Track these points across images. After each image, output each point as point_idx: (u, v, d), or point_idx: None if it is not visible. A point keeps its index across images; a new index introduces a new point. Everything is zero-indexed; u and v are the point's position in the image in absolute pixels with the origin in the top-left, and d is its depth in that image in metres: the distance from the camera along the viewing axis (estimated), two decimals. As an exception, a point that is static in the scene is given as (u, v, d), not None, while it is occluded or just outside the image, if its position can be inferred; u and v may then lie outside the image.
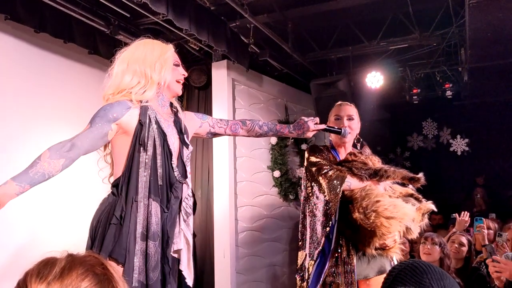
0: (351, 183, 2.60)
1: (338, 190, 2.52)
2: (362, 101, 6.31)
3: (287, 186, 5.94)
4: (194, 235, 2.30)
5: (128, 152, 2.08)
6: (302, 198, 2.84)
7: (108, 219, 2.03)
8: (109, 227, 2.00)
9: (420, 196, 2.73)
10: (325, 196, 2.59)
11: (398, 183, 2.76)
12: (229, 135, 2.54)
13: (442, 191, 7.70)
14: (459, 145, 8.04)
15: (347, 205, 2.57)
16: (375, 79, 5.70)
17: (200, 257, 5.50)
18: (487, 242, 3.95)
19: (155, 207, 2.07)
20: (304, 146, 6.29)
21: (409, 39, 5.39)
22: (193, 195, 5.58)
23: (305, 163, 2.87)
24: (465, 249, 3.86)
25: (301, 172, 6.17)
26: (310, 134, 2.53)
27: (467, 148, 7.97)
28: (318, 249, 2.58)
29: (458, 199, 7.41)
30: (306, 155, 2.88)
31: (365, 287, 2.62)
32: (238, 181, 5.26)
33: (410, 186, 2.73)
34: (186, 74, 2.32)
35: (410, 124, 8.50)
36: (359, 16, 5.16)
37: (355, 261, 2.59)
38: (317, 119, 2.57)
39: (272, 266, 5.73)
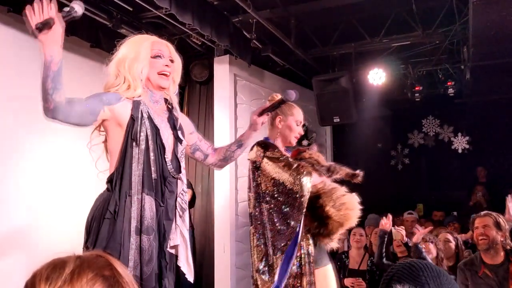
0: (314, 178, 2.73)
1: (309, 185, 2.65)
2: (364, 98, 6.32)
3: (288, 182, 5.94)
4: (192, 228, 2.31)
5: (121, 147, 2.09)
6: (253, 193, 2.82)
7: (102, 214, 2.04)
8: (103, 222, 2.02)
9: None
10: (296, 191, 2.65)
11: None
12: (206, 155, 2.50)
13: (443, 188, 7.72)
14: (460, 142, 8.03)
15: (313, 199, 2.68)
16: (377, 76, 5.70)
17: (200, 251, 5.52)
18: None
19: (149, 201, 2.07)
20: (305, 142, 6.30)
21: (411, 36, 5.39)
22: (193, 190, 5.58)
23: (258, 158, 2.82)
24: (452, 245, 3.90)
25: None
26: (259, 123, 2.49)
27: (468, 146, 7.97)
28: (286, 244, 2.65)
29: (458, 197, 7.42)
30: (260, 151, 2.83)
31: (319, 273, 2.78)
32: (238, 176, 5.27)
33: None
34: (170, 65, 2.25)
35: (411, 122, 8.49)
36: (362, 13, 5.15)
37: (314, 252, 2.76)
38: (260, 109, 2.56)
39: (271, 262, 5.75)
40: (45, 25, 1.79)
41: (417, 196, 7.64)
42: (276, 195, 2.70)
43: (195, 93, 5.98)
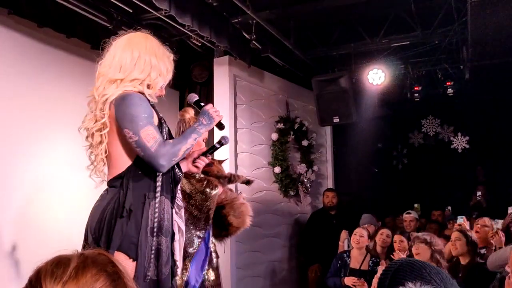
0: (219, 191, 3.11)
1: (215, 198, 3.02)
2: (363, 98, 6.33)
3: (288, 182, 5.96)
4: None
5: None
6: None
7: (113, 214, 2.00)
8: (115, 222, 1.98)
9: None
10: (206, 205, 2.98)
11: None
12: None
13: (443, 188, 7.72)
14: (460, 142, 8.04)
15: (218, 209, 3.04)
16: (376, 76, 5.71)
17: (201, 252, 5.53)
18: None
19: (167, 204, 2.09)
20: (305, 142, 6.31)
21: (411, 36, 5.40)
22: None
23: None
24: (463, 242, 3.83)
25: (301, 168, 6.19)
26: (198, 168, 2.47)
27: (467, 146, 7.98)
28: (194, 251, 2.98)
29: (458, 196, 7.43)
30: None
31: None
32: (239, 177, 5.28)
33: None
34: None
35: (411, 122, 8.50)
36: (361, 13, 5.17)
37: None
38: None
39: (271, 262, 5.76)
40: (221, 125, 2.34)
41: (417, 196, 7.65)
42: (188, 208, 2.97)
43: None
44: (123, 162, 2.07)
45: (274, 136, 5.88)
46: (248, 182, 3.42)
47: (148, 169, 2.05)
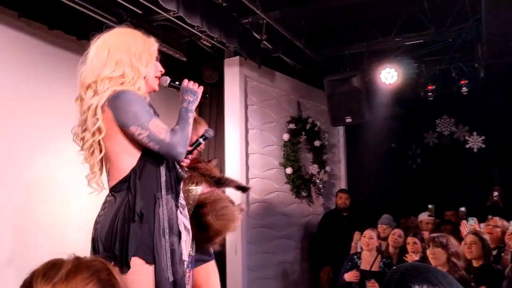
0: (203, 189, 3.08)
1: (196, 194, 3.01)
2: (376, 97, 6.27)
3: (300, 183, 5.92)
4: None
5: (140, 148, 2.01)
6: None
7: (125, 219, 1.93)
8: (129, 227, 1.92)
9: (233, 200, 3.28)
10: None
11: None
12: None
13: (458, 188, 7.61)
14: (475, 142, 7.92)
15: (198, 207, 2.97)
16: (389, 75, 5.64)
17: (212, 253, 5.52)
18: None
19: (172, 203, 2.08)
20: (317, 143, 6.26)
21: (424, 34, 5.32)
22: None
23: None
24: (479, 246, 3.77)
25: (314, 168, 6.14)
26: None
27: (483, 145, 7.85)
28: None
29: (474, 197, 7.31)
30: None
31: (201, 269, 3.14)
32: (250, 178, 5.26)
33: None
34: (164, 71, 2.25)
35: (425, 121, 8.39)
36: (374, 12, 5.10)
37: (195, 253, 3.09)
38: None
39: (283, 263, 5.73)
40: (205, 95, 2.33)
41: (432, 196, 7.55)
42: None
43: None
44: (126, 164, 2.00)
45: (286, 136, 5.84)
46: (243, 189, 3.32)
47: (152, 168, 2.02)
